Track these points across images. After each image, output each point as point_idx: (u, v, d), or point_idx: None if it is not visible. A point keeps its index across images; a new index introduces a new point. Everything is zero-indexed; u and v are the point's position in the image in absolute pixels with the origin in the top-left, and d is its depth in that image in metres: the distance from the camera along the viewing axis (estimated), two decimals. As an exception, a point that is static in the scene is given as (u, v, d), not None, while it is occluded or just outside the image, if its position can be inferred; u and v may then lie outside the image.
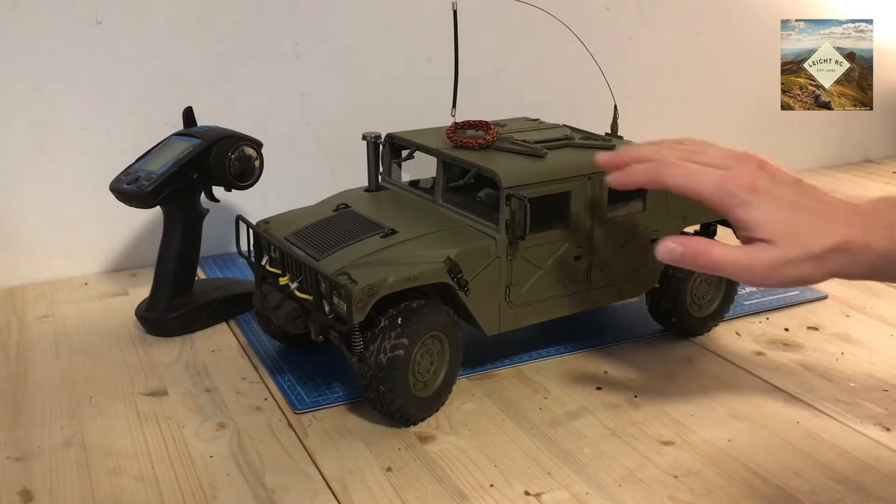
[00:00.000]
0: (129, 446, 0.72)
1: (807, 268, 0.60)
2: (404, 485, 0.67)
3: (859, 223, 0.60)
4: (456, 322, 0.77)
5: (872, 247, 0.59)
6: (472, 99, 0.95)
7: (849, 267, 0.60)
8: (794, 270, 0.60)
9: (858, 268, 0.60)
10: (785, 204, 0.61)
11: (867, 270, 0.61)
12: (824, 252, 0.60)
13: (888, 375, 0.85)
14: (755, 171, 0.63)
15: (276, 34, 1.16)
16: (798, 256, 0.60)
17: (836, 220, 0.61)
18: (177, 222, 0.93)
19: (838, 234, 0.60)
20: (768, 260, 0.60)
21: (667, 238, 0.64)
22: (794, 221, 0.61)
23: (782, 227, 0.61)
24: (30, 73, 1.04)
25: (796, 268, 0.60)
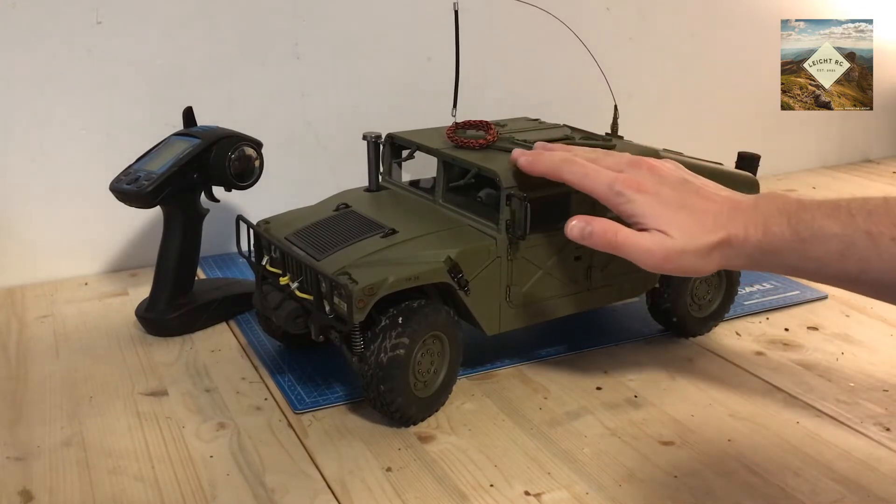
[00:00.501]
0: (129, 446, 0.72)
1: (696, 260, 0.64)
2: (404, 485, 0.67)
3: (740, 218, 0.63)
4: (456, 322, 0.77)
5: (749, 240, 0.62)
6: (472, 99, 0.95)
7: (732, 259, 0.64)
8: (688, 260, 0.65)
9: (739, 259, 0.64)
10: (670, 202, 0.66)
11: (748, 262, 0.64)
12: (709, 246, 0.64)
13: (888, 375, 0.85)
14: (644, 174, 0.68)
15: (276, 34, 1.16)
16: (690, 248, 0.64)
17: (719, 217, 0.64)
18: (177, 222, 0.93)
19: (721, 230, 0.64)
20: (669, 246, 0.65)
21: (576, 216, 0.69)
22: (680, 218, 0.65)
23: (665, 224, 0.65)
24: (30, 73, 1.04)
25: (689, 258, 0.64)
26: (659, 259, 0.65)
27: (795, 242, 0.60)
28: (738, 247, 0.63)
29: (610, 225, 0.67)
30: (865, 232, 0.56)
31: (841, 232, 0.57)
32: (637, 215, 0.66)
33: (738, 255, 0.63)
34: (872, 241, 0.56)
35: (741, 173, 0.93)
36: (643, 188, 0.67)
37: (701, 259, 0.64)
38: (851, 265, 0.57)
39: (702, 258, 0.64)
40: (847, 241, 0.57)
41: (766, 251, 0.62)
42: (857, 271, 0.57)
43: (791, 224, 0.60)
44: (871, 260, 0.56)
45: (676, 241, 0.64)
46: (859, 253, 0.57)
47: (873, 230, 0.56)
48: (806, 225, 0.59)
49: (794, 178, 1.61)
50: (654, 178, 0.68)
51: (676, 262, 0.65)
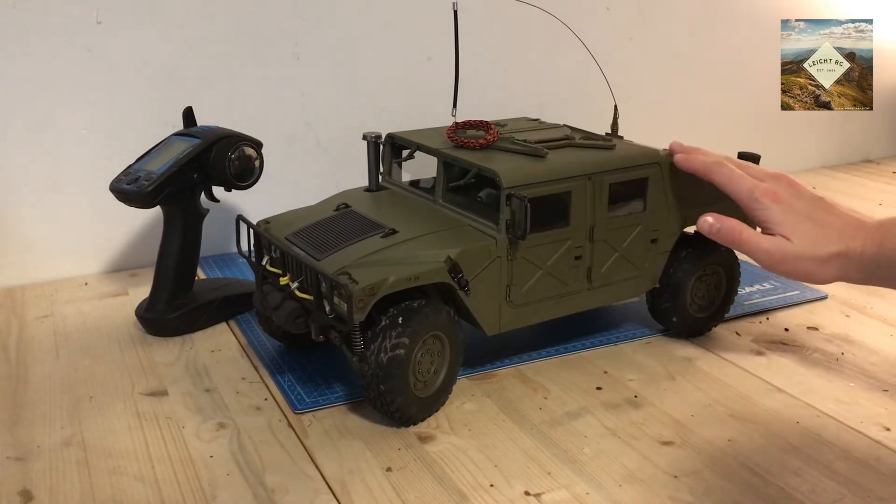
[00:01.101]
0: (129, 446, 0.72)
1: (813, 266, 0.72)
2: (404, 485, 0.67)
3: (860, 235, 0.71)
4: (456, 322, 0.77)
5: (865, 254, 0.70)
6: (472, 99, 0.95)
7: (849, 271, 0.71)
8: (803, 265, 0.72)
9: (856, 272, 0.71)
10: (799, 214, 0.74)
11: (864, 275, 0.71)
12: (829, 256, 0.71)
13: (888, 375, 0.85)
14: (782, 186, 0.76)
15: (276, 34, 1.16)
16: (808, 255, 0.72)
17: (842, 232, 0.72)
18: (177, 222, 0.93)
19: (841, 243, 0.71)
20: (787, 250, 0.72)
21: (708, 213, 0.77)
22: (806, 228, 0.73)
23: (795, 230, 0.73)
24: (30, 73, 1.04)
25: (805, 264, 0.72)
26: (776, 260, 0.73)
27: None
28: (854, 259, 0.70)
29: (736, 224, 0.76)
30: None
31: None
32: (767, 221, 0.74)
33: (855, 267, 0.71)
34: None
35: (741, 173, 0.93)
36: (778, 198, 0.74)
37: (817, 266, 0.72)
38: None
39: (818, 266, 0.72)
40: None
41: (880, 264, 0.69)
42: None
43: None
44: None
45: (796, 246, 0.72)
46: None
47: None
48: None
49: (794, 178, 1.60)
50: (790, 191, 0.76)
51: (792, 266, 0.72)
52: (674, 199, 0.87)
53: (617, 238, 0.84)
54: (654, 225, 0.86)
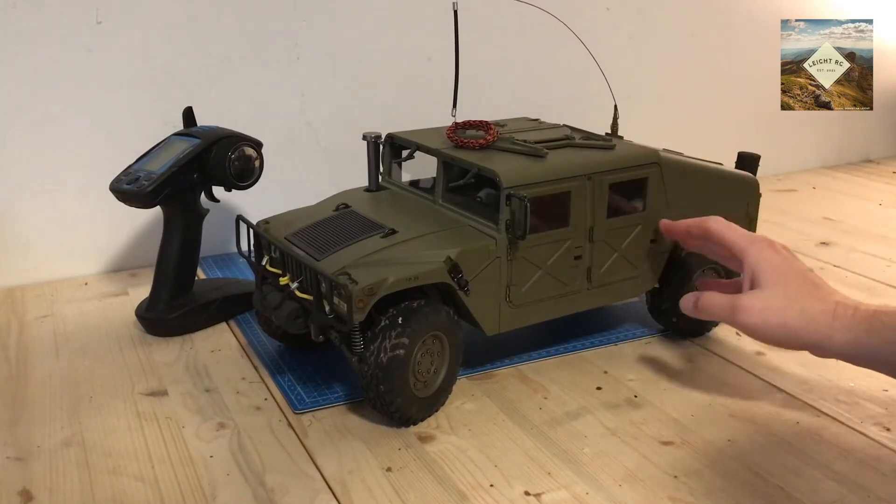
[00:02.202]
0: (129, 446, 0.72)
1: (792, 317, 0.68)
2: (404, 485, 0.67)
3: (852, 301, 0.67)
4: (456, 322, 0.77)
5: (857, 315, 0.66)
6: (472, 99, 0.95)
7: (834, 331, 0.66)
8: (778, 315, 0.68)
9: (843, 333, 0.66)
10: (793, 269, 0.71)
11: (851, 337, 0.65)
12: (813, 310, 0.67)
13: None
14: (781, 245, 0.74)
15: (276, 34, 1.16)
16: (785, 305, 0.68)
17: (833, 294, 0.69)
18: (177, 222, 0.93)
19: (830, 302, 0.68)
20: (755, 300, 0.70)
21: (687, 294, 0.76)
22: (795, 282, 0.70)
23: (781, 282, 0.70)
24: (30, 73, 1.04)
25: (780, 313, 0.68)
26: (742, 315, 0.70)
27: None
28: (844, 318, 0.66)
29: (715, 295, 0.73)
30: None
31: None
32: (760, 270, 0.71)
33: (842, 327, 0.66)
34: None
35: (741, 173, 0.93)
36: (777, 250, 0.73)
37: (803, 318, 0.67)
38: None
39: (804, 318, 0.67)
40: None
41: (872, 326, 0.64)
42: None
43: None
44: None
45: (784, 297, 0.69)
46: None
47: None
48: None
49: (794, 178, 1.61)
50: (789, 252, 0.74)
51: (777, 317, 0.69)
52: (673, 199, 0.87)
53: (616, 238, 0.84)
54: (653, 225, 0.86)
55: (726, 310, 0.72)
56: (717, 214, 0.92)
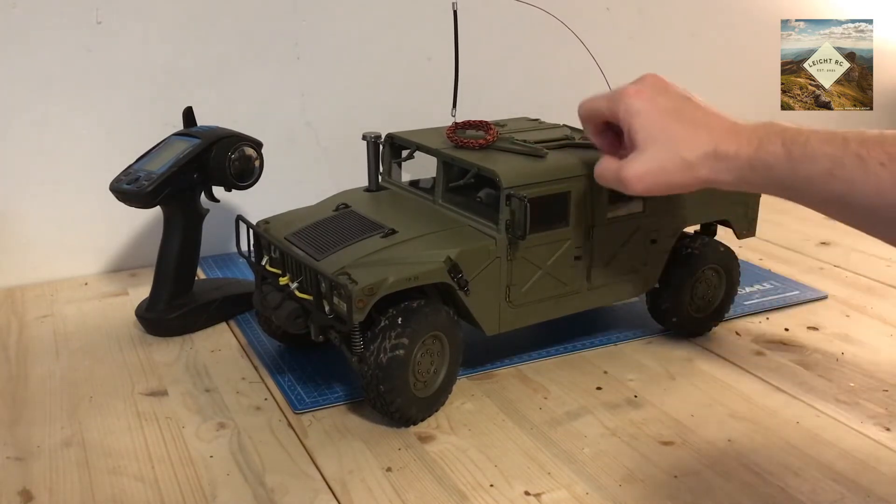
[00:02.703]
0: (129, 446, 0.72)
1: (676, 172, 0.66)
2: (404, 485, 0.67)
3: (733, 136, 0.65)
4: (456, 322, 0.77)
5: (740, 155, 0.64)
6: (472, 99, 0.95)
7: (719, 173, 0.65)
8: (663, 175, 0.67)
9: (728, 174, 0.65)
10: (665, 112, 0.68)
11: (736, 177, 0.65)
12: (696, 157, 0.66)
13: (888, 375, 0.85)
14: (647, 84, 0.70)
15: (276, 34, 1.16)
16: (666, 161, 0.67)
17: (713, 131, 0.66)
18: (177, 222, 0.93)
19: (711, 142, 0.65)
20: (637, 166, 0.68)
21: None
22: (671, 129, 0.67)
23: (657, 133, 0.67)
24: (30, 73, 1.04)
25: (664, 173, 0.67)
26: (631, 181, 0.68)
27: (786, 160, 0.61)
28: (726, 160, 0.64)
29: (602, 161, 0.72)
30: (856, 154, 0.57)
31: (832, 153, 0.59)
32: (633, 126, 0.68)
33: (727, 168, 0.65)
34: (861, 163, 0.57)
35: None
36: (641, 95, 0.69)
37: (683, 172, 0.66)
38: (838, 185, 0.58)
39: (685, 171, 0.66)
40: (837, 162, 0.58)
41: (755, 167, 0.63)
42: (843, 192, 0.58)
43: (785, 143, 0.61)
44: (857, 182, 0.57)
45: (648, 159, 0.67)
46: (847, 174, 0.58)
47: (863, 153, 0.57)
48: (799, 145, 0.61)
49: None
50: (656, 89, 0.70)
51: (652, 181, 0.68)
52: (673, 199, 0.87)
53: (616, 238, 0.84)
54: (653, 225, 0.86)
55: (615, 180, 0.70)
56: (717, 215, 0.92)
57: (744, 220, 0.93)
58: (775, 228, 1.26)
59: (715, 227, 0.95)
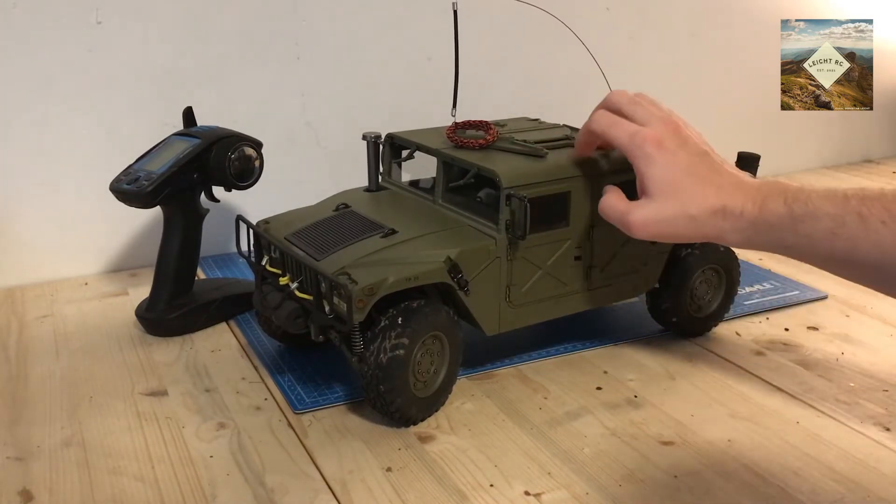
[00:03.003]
0: (129, 446, 0.72)
1: (682, 227, 0.68)
2: (404, 485, 0.67)
3: (740, 194, 0.66)
4: (456, 322, 0.77)
5: (745, 215, 0.65)
6: (472, 99, 0.95)
7: (724, 232, 0.67)
8: (668, 227, 0.69)
9: (734, 234, 0.66)
10: (680, 166, 0.69)
11: (742, 237, 0.66)
12: (702, 214, 0.67)
13: (888, 375, 0.85)
14: (668, 132, 0.71)
15: (276, 34, 1.16)
16: (673, 215, 0.68)
17: (721, 189, 0.67)
18: (177, 222, 0.93)
19: (719, 200, 0.67)
20: (644, 214, 0.69)
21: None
22: (682, 183, 0.68)
23: (668, 187, 0.68)
24: (30, 73, 1.04)
25: (669, 226, 0.68)
26: (635, 226, 0.70)
27: (789, 219, 0.62)
28: (732, 219, 0.66)
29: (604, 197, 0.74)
30: (857, 213, 0.58)
31: (833, 211, 0.60)
32: (646, 175, 0.69)
33: (731, 228, 0.66)
34: (863, 221, 0.58)
35: (741, 173, 0.93)
36: (663, 146, 0.69)
37: (687, 225, 0.68)
38: (841, 244, 0.59)
39: (689, 224, 0.68)
40: (839, 221, 0.59)
41: (759, 227, 0.64)
42: (847, 250, 0.59)
43: (787, 202, 0.63)
44: (860, 239, 0.58)
45: (655, 207, 0.68)
46: (849, 232, 0.58)
47: (864, 212, 0.58)
48: (801, 203, 0.62)
49: (794, 178, 1.61)
50: (677, 140, 0.70)
51: (655, 230, 0.69)
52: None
53: (616, 238, 0.84)
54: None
55: (620, 222, 0.72)
56: None
57: None
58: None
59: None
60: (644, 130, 0.71)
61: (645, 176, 0.70)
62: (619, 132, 0.72)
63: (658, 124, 0.71)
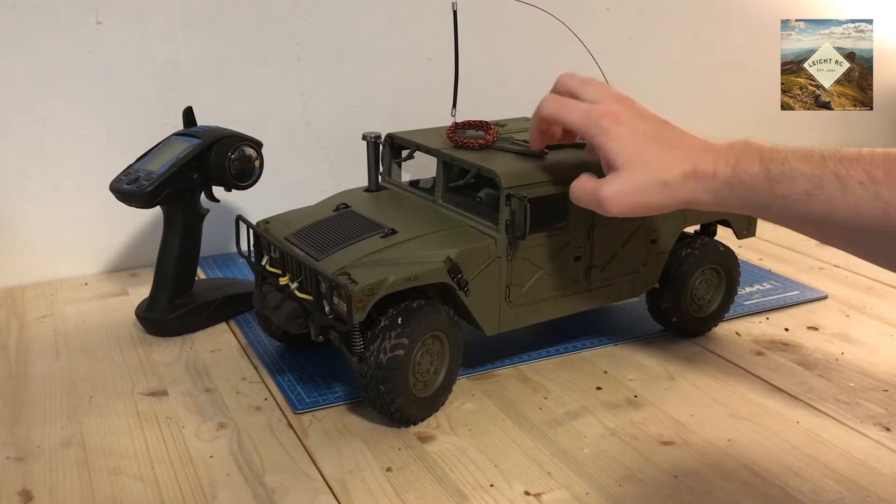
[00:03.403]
0: (129, 446, 0.72)
1: (656, 194, 0.66)
2: (404, 485, 0.67)
3: (710, 155, 0.64)
4: (456, 322, 0.77)
5: (718, 174, 0.63)
6: (472, 99, 0.95)
7: (698, 193, 0.64)
8: (642, 197, 0.66)
9: (707, 194, 0.64)
10: (643, 135, 0.67)
11: (715, 197, 0.64)
12: (674, 179, 0.65)
13: (888, 375, 0.85)
14: (623, 108, 0.69)
15: (276, 34, 1.16)
16: (644, 183, 0.66)
17: (689, 151, 0.65)
18: (177, 222, 0.93)
19: (688, 162, 0.65)
20: (615, 187, 0.67)
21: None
22: (648, 151, 0.66)
23: (635, 156, 0.66)
24: (30, 73, 1.04)
25: (643, 194, 0.66)
26: (608, 202, 0.67)
27: (765, 180, 0.61)
28: (705, 180, 0.64)
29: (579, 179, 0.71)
30: (835, 174, 0.57)
31: (810, 172, 0.58)
32: (609, 149, 0.67)
33: (705, 188, 0.64)
34: (840, 182, 0.57)
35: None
36: (619, 119, 0.68)
37: (661, 193, 0.66)
38: (817, 205, 0.58)
39: (663, 191, 0.65)
40: (815, 182, 0.58)
41: (734, 187, 0.62)
42: (823, 212, 0.58)
43: (763, 162, 0.61)
44: (837, 201, 0.57)
45: (625, 178, 0.66)
46: (826, 193, 0.57)
47: (842, 173, 0.57)
48: (777, 164, 0.60)
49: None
50: (632, 113, 0.69)
51: (630, 202, 0.67)
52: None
53: (616, 238, 0.84)
54: (653, 225, 0.86)
55: (592, 201, 0.69)
56: (717, 216, 0.92)
57: (744, 221, 0.93)
58: (775, 228, 1.24)
59: (715, 228, 0.95)
60: (598, 107, 0.69)
61: (608, 151, 0.67)
62: (572, 113, 0.71)
63: (611, 101, 0.70)
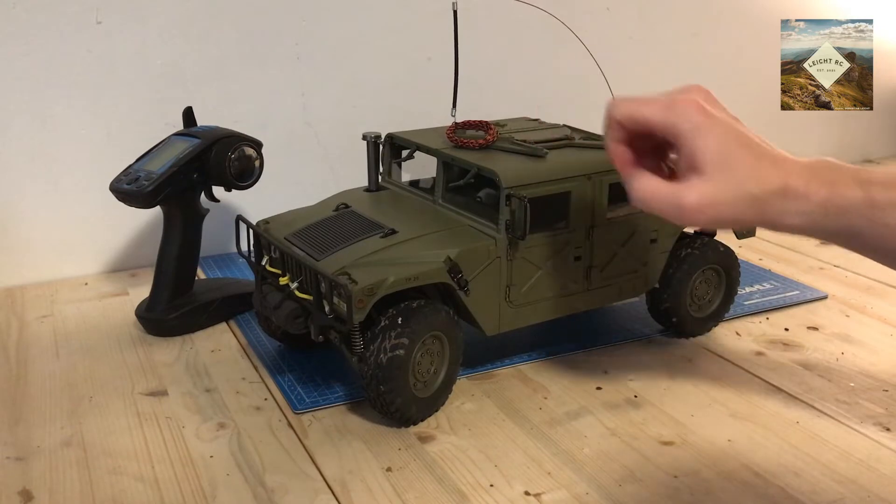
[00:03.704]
0: (129, 446, 0.72)
1: (745, 210, 0.57)
2: (404, 485, 0.67)
3: (801, 172, 0.57)
4: (456, 322, 0.77)
5: (811, 196, 0.56)
6: (472, 99, 0.95)
7: (787, 216, 0.57)
8: (730, 210, 0.57)
9: (797, 218, 0.57)
10: (732, 135, 0.58)
11: (804, 222, 0.57)
12: (764, 194, 0.56)
13: (888, 375, 0.85)
14: (702, 97, 0.60)
15: (276, 34, 1.16)
16: (734, 194, 0.57)
17: (777, 165, 0.58)
18: (177, 222, 0.93)
19: (779, 177, 0.57)
20: (703, 195, 0.57)
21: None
22: (739, 155, 0.57)
23: (727, 160, 0.57)
24: (30, 73, 1.04)
25: (730, 207, 0.57)
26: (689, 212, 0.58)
27: (867, 207, 0.54)
28: (796, 201, 0.56)
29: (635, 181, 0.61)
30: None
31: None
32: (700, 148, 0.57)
33: (796, 211, 0.56)
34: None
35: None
36: (706, 111, 0.58)
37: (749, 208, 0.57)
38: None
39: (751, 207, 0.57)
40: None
41: (828, 211, 0.55)
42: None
43: (862, 186, 0.55)
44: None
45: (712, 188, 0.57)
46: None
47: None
48: (880, 189, 0.54)
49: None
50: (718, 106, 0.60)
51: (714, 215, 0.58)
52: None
53: (616, 238, 0.84)
54: (653, 225, 0.86)
55: (670, 208, 0.59)
56: None
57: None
58: (775, 228, 1.25)
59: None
60: (682, 97, 0.59)
61: (697, 149, 0.57)
62: (650, 107, 0.60)
63: (694, 91, 0.60)
